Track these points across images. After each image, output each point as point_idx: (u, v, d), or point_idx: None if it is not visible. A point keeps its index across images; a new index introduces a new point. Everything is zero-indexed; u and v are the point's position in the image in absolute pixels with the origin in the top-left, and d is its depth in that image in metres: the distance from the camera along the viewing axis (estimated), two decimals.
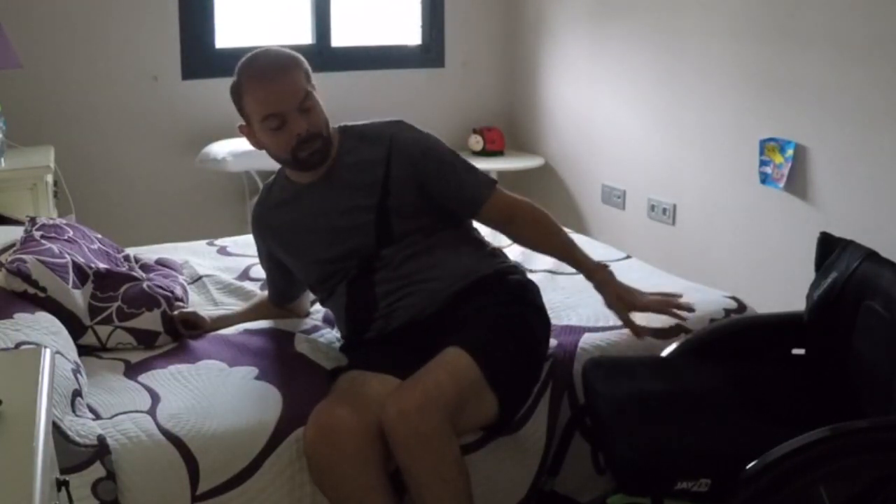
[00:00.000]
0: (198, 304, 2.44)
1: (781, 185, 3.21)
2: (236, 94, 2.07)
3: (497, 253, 2.22)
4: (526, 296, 2.12)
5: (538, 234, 2.17)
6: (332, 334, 2.25)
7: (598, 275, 2.14)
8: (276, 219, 2.19)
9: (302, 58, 2.08)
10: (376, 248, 2.07)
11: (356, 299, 2.09)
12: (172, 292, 2.29)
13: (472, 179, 2.14)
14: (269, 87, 2.01)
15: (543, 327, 2.10)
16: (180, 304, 2.30)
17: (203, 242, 3.00)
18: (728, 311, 2.34)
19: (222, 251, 2.89)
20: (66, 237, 2.34)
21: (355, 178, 2.09)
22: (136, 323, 2.15)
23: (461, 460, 1.83)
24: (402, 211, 2.07)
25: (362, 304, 2.09)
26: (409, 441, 1.76)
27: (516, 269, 2.20)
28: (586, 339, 2.16)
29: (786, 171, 3.18)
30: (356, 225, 2.08)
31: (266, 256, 2.28)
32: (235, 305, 2.44)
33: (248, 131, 2.09)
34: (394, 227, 2.07)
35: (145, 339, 2.16)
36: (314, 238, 2.12)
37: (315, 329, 2.28)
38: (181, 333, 2.21)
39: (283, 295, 2.32)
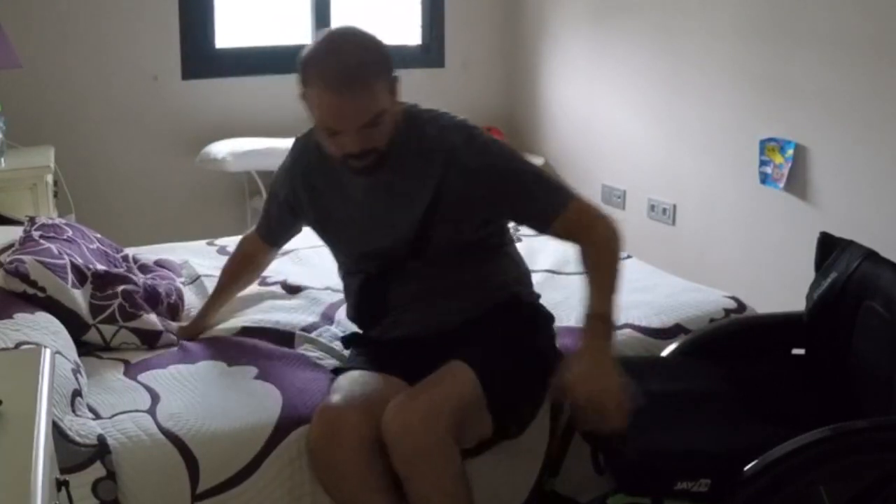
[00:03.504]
0: (196, 304, 2.43)
1: (781, 185, 3.21)
2: (303, 74, 1.83)
3: (521, 279, 2.12)
4: (539, 323, 2.08)
5: (589, 259, 1.93)
6: (332, 333, 2.25)
7: (595, 340, 1.82)
8: (318, 182, 2.03)
9: (383, 64, 1.84)
10: (404, 259, 1.98)
11: (367, 299, 2.05)
12: (169, 294, 2.29)
13: (540, 194, 1.95)
14: (333, 101, 1.79)
15: (552, 358, 2.03)
16: (179, 301, 2.30)
17: (203, 242, 3.00)
18: (728, 311, 2.34)
19: (222, 251, 2.89)
20: (65, 237, 2.33)
21: (405, 185, 1.93)
22: (139, 323, 2.15)
23: (463, 473, 1.81)
24: (444, 226, 1.94)
25: (372, 306, 2.04)
26: (411, 453, 1.74)
27: (533, 295, 2.14)
28: None
29: (786, 171, 3.18)
30: (393, 233, 1.96)
31: (284, 201, 2.14)
32: (235, 302, 2.42)
33: (307, 106, 1.87)
34: (430, 241, 1.95)
35: (149, 338, 2.16)
36: (346, 229, 2.03)
37: (315, 327, 2.28)
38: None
39: (272, 237, 2.28)
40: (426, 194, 1.92)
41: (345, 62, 1.79)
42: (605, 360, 1.79)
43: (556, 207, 1.94)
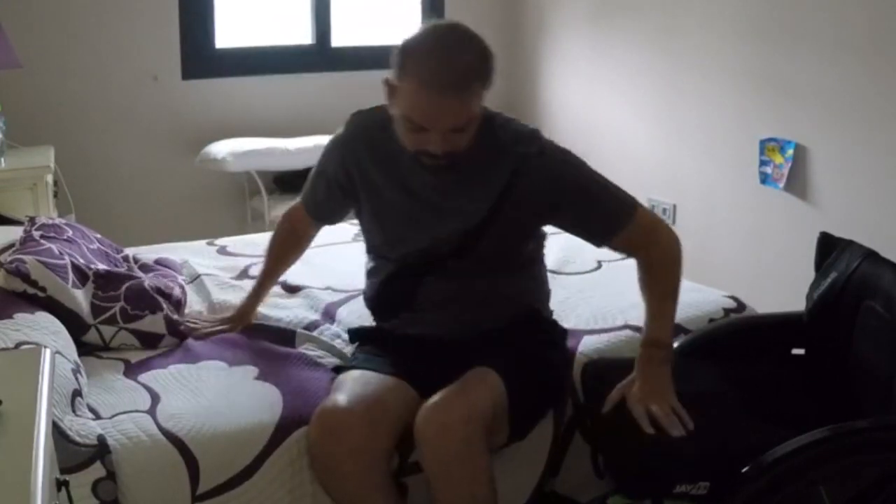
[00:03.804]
0: (196, 303, 2.43)
1: (781, 185, 3.21)
2: (401, 63, 1.80)
3: (543, 298, 2.13)
4: (556, 340, 2.10)
5: (649, 278, 1.97)
6: (333, 331, 2.25)
7: (651, 367, 1.88)
8: (375, 163, 1.96)
9: (487, 71, 1.82)
10: (447, 257, 1.95)
11: (394, 288, 2.02)
12: (172, 294, 2.29)
13: (607, 207, 1.95)
14: (429, 99, 1.75)
15: (564, 373, 2.06)
16: (182, 303, 2.29)
17: (203, 242, 3.00)
18: (727, 311, 2.34)
19: (222, 251, 2.89)
20: (65, 237, 2.34)
21: (469, 187, 1.91)
22: (140, 325, 2.15)
23: (493, 478, 1.81)
24: (498, 231, 1.92)
25: (397, 296, 2.02)
26: (445, 454, 1.73)
27: (551, 313, 2.15)
28: (586, 343, 2.16)
29: (786, 171, 3.18)
30: (445, 231, 1.94)
31: (332, 177, 2.05)
32: (235, 301, 2.41)
33: (389, 94, 1.85)
34: (478, 245, 1.93)
35: (149, 341, 2.15)
36: (396, 217, 1.98)
37: (316, 326, 2.28)
38: (200, 337, 2.20)
39: (319, 214, 2.19)
40: (489, 199, 1.91)
41: (452, 64, 1.76)
42: (663, 383, 1.86)
43: (620, 221, 1.95)
